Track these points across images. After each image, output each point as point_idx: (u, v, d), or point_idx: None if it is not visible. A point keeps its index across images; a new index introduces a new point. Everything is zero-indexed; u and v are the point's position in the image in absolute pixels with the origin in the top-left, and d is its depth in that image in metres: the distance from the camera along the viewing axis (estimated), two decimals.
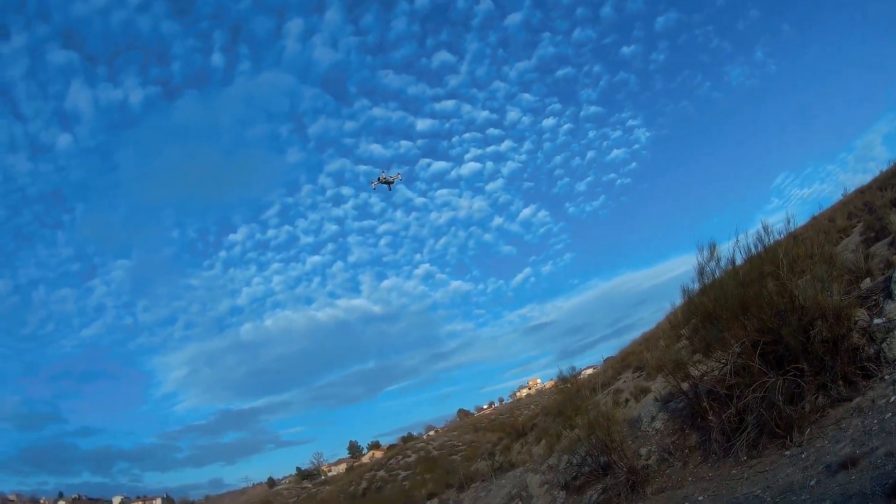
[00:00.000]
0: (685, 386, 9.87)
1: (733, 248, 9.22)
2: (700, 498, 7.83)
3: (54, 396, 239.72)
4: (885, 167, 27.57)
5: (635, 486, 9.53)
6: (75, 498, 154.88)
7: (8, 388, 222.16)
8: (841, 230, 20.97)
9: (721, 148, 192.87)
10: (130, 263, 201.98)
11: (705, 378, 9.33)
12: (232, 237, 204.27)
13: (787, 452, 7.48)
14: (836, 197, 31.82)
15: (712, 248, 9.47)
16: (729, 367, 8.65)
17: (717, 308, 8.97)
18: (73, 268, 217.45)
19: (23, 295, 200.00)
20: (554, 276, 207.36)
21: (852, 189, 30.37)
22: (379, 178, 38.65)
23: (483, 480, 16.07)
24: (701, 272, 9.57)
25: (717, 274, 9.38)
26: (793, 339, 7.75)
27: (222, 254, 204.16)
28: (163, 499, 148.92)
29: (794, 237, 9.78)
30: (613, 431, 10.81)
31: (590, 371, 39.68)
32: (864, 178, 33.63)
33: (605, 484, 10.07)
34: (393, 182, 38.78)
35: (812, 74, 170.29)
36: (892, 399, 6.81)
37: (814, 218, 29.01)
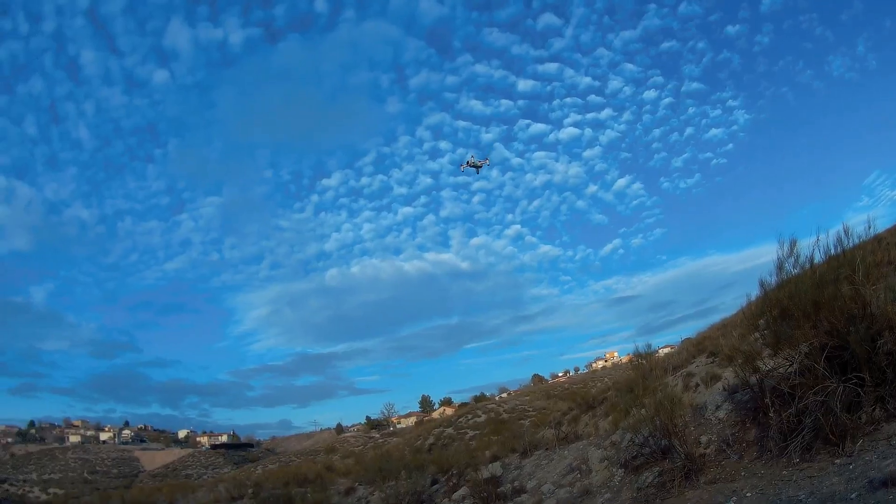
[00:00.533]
0: (752, 379, 9.84)
1: (813, 246, 9.08)
2: (748, 494, 7.90)
3: (132, 326, 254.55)
4: None
5: (690, 473, 9.61)
6: (141, 428, 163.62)
7: (86, 316, 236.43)
8: None
9: (817, 138, 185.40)
10: (221, 200, 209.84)
11: (771, 374, 9.29)
12: (325, 182, 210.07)
13: (837, 461, 7.43)
14: None
15: (793, 243, 9.31)
16: (795, 366, 8.62)
17: (790, 305, 8.90)
18: (163, 201, 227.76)
19: (109, 225, 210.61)
20: (643, 250, 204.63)
21: None
22: (467, 162, 38.75)
23: (547, 449, 16.31)
24: (780, 267, 9.46)
25: (795, 271, 9.28)
26: (859, 346, 7.64)
27: (314, 198, 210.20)
28: (229, 436, 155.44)
29: (878, 240, 9.55)
30: (676, 416, 10.92)
31: (667, 350, 39.21)
32: None
33: (662, 468, 10.18)
34: (481, 166, 38.80)
35: None
36: None
37: None
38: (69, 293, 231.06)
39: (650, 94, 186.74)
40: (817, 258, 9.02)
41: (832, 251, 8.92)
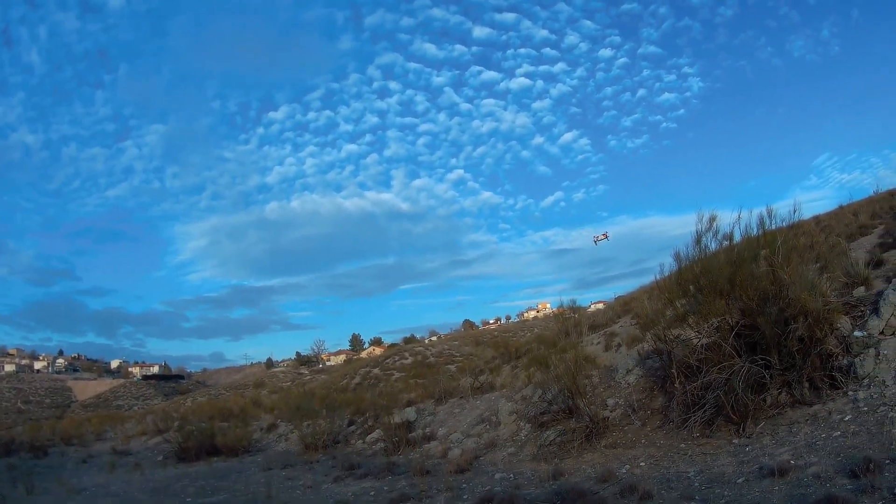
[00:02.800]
0: (662, 348, 9.86)
1: (734, 223, 8.99)
2: (642, 464, 7.90)
3: (71, 254, 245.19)
4: None
5: (592, 435, 9.65)
6: (75, 357, 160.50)
7: (24, 242, 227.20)
8: (862, 226, 20.69)
9: (771, 114, 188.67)
10: (166, 129, 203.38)
11: (679, 345, 9.30)
12: (272, 115, 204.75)
13: (736, 441, 7.47)
14: (870, 191, 31.13)
15: (712, 217, 9.19)
16: (702, 340, 8.62)
17: (704, 280, 8.85)
18: (108, 128, 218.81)
19: (53, 150, 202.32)
20: (584, 205, 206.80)
21: (885, 188, 29.79)
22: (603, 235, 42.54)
23: (461, 397, 16.34)
24: (697, 240, 9.36)
25: (713, 246, 9.20)
26: (769, 328, 7.61)
27: (259, 130, 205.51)
28: (160, 367, 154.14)
29: (795, 228, 9.51)
30: (580, 378, 10.99)
31: (600, 306, 39.81)
32: None
33: (566, 427, 10.20)
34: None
35: (873, 64, 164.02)
36: (847, 418, 6.69)
37: (840, 207, 28.73)
38: (8, 219, 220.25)
39: (606, 52, 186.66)
40: (737, 235, 8.96)
41: (754, 231, 8.84)
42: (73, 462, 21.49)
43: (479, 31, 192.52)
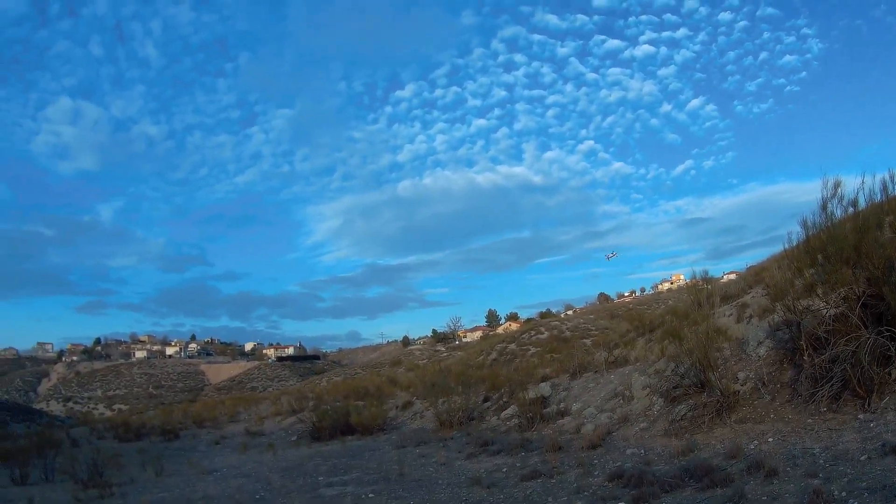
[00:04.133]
0: (791, 318, 9.68)
1: (857, 189, 8.67)
2: (770, 439, 7.87)
3: (202, 240, 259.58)
4: None
5: (722, 409, 9.62)
6: (208, 341, 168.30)
7: (155, 231, 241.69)
8: None
9: (888, 75, 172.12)
10: (293, 113, 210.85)
11: (808, 315, 9.10)
12: (399, 93, 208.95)
13: (861, 416, 7.31)
14: None
15: (836, 184, 8.91)
16: (830, 311, 8.43)
17: (830, 249, 8.63)
18: (233, 115, 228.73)
19: (178, 140, 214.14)
20: (714, 172, 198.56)
21: None
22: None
23: (596, 371, 16.39)
24: (823, 207, 9.10)
25: (838, 213, 8.92)
26: (893, 297, 7.42)
27: (388, 109, 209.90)
28: (295, 347, 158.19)
29: None
30: (711, 352, 10.89)
31: (732, 276, 38.42)
32: None
33: (697, 401, 10.21)
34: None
35: None
36: None
37: None
38: (137, 210, 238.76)
39: (725, 15, 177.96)
40: (862, 202, 8.64)
41: (878, 197, 8.53)
42: (205, 444, 22.29)
43: (600, 0, 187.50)
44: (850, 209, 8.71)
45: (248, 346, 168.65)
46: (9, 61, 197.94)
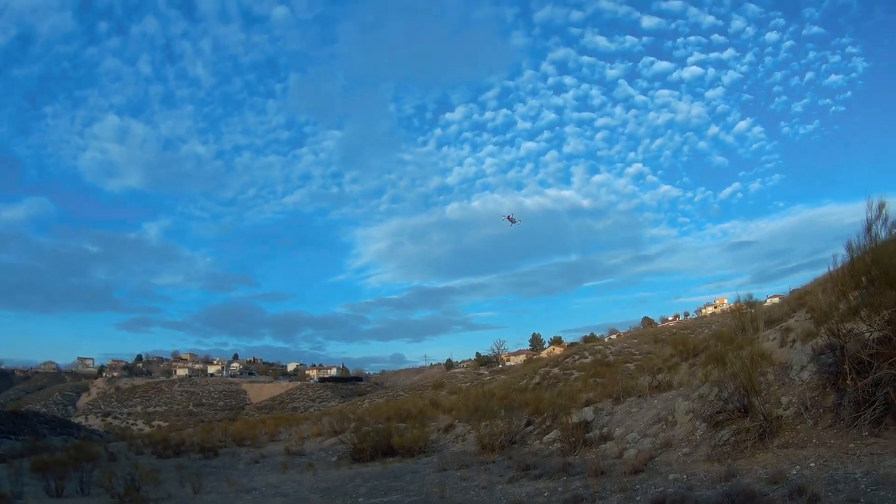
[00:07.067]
0: (835, 341, 9.61)
1: None
2: (812, 465, 7.82)
3: (249, 260, 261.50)
4: None
5: (765, 434, 9.57)
6: (250, 361, 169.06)
7: (202, 250, 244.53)
8: None
9: None
10: (342, 135, 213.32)
11: (852, 339, 9.03)
12: (449, 116, 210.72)
13: None
14: None
15: (881, 205, 8.88)
16: (874, 333, 8.38)
17: (875, 271, 8.58)
18: (283, 136, 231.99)
19: (226, 160, 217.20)
20: (761, 195, 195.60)
21: None
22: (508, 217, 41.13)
23: (639, 396, 16.30)
24: (868, 228, 9.06)
25: (883, 235, 8.88)
26: None
27: (437, 131, 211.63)
28: (338, 369, 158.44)
29: None
30: (755, 376, 10.83)
31: (776, 300, 37.80)
32: None
33: (740, 426, 10.16)
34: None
35: None
36: None
37: None
38: (184, 228, 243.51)
39: (772, 35, 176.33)
40: None
41: None
42: (245, 462, 22.17)
43: (648, 21, 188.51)
44: (895, 230, 8.66)
45: (291, 367, 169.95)
46: (58, 78, 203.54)
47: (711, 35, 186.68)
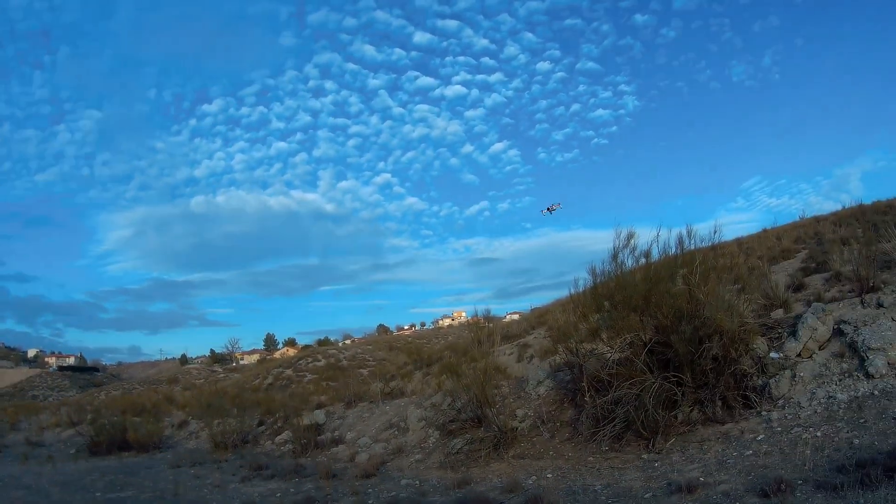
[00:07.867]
0: (573, 360, 9.89)
1: (652, 241, 9.10)
2: (549, 475, 7.86)
3: None
4: (850, 204, 27.65)
5: (500, 445, 9.60)
6: None
7: None
8: (785, 250, 21.24)
9: (704, 135, 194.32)
10: (100, 115, 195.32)
11: (591, 359, 9.34)
12: (206, 107, 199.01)
13: (645, 456, 7.51)
14: (796, 217, 32.01)
15: (630, 235, 9.31)
16: (615, 355, 8.65)
17: (619, 296, 8.91)
18: (44, 110, 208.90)
19: None
20: (509, 215, 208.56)
21: (811, 215, 30.50)
22: (548, 208, 40.04)
23: (371, 402, 16.19)
24: (614, 256, 9.43)
25: (629, 263, 9.28)
26: (682, 346, 7.72)
27: (192, 122, 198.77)
28: (76, 358, 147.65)
29: (716, 249, 9.72)
30: (489, 388, 10.99)
31: (515, 317, 40.13)
32: (829, 207, 33.99)
33: (474, 436, 10.15)
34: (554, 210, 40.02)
35: (813, 94, 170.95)
36: (760, 437, 6.82)
37: (764, 230, 29.55)
38: None
39: (544, 65, 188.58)
40: (655, 253, 9.05)
41: (673, 250, 8.95)
42: None
43: (420, 37, 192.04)
44: (643, 260, 9.08)
45: (32, 353, 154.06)
46: None
47: (482, 57, 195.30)
